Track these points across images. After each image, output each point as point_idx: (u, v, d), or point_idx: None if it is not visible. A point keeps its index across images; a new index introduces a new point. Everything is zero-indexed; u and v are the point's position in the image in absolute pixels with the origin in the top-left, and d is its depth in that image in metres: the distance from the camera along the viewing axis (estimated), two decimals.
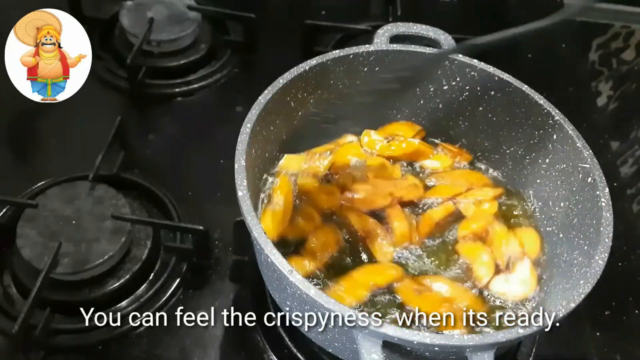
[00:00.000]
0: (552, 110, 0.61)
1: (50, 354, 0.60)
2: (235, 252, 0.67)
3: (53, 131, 0.79)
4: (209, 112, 0.85)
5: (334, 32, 0.93)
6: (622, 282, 0.71)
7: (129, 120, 0.76)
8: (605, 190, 0.55)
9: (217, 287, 0.66)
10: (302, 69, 0.61)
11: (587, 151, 0.58)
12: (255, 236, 0.48)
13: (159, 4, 0.89)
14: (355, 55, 0.63)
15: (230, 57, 0.90)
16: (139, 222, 0.66)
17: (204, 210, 0.71)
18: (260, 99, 0.58)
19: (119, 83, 0.84)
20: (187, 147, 0.80)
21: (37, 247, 0.61)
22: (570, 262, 0.56)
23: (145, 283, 0.65)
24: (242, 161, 0.53)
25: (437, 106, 0.69)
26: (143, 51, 0.84)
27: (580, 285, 0.49)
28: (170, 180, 0.74)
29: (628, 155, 1.03)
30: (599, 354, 0.65)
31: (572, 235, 0.58)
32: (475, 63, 0.64)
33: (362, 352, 0.44)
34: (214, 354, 0.61)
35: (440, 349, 0.44)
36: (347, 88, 0.65)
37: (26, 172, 0.76)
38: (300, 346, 0.61)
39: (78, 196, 0.65)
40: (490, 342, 0.44)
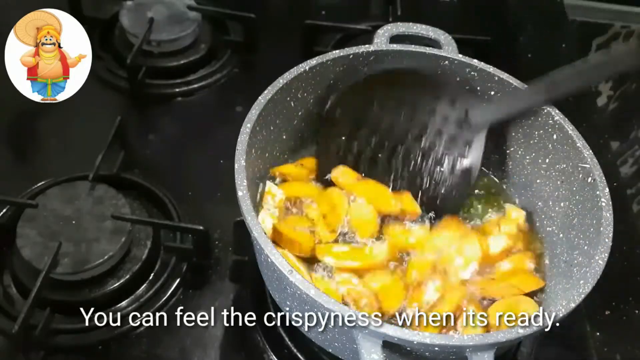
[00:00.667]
0: (552, 110, 0.61)
1: (50, 354, 0.60)
2: (235, 252, 0.67)
3: (53, 131, 0.79)
4: (209, 112, 0.85)
5: (334, 32, 0.93)
6: (622, 282, 0.71)
7: (129, 120, 0.76)
8: (605, 190, 0.55)
9: (217, 287, 0.66)
10: (302, 69, 0.61)
11: (587, 151, 0.58)
12: (255, 236, 0.48)
13: (159, 4, 0.89)
14: (355, 55, 0.64)
15: (230, 57, 0.90)
16: (139, 222, 0.66)
17: (204, 210, 0.71)
18: (260, 99, 0.58)
19: (119, 83, 0.84)
20: (187, 147, 0.80)
21: (37, 247, 0.61)
22: (570, 262, 0.56)
23: (145, 283, 0.65)
24: (242, 161, 0.53)
25: None
26: (143, 51, 0.84)
27: (580, 285, 0.49)
28: (170, 180, 0.74)
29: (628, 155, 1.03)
30: (599, 354, 0.65)
31: (572, 235, 0.58)
32: (475, 63, 0.64)
33: (362, 352, 0.44)
34: (214, 354, 0.61)
35: (440, 349, 0.44)
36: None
37: (26, 172, 0.76)
38: (300, 346, 0.61)
39: (78, 196, 0.65)
40: (490, 342, 0.44)
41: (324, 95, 0.64)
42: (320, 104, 0.64)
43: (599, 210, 0.54)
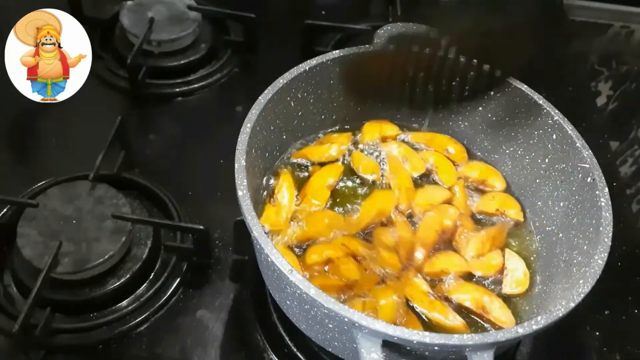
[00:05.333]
0: (552, 110, 0.61)
1: (51, 354, 0.60)
2: (236, 251, 0.67)
3: (53, 131, 0.79)
4: (209, 112, 0.85)
5: (334, 32, 0.93)
6: (622, 282, 0.71)
7: (129, 120, 0.76)
8: (605, 190, 0.55)
9: (217, 286, 0.66)
10: (302, 69, 0.61)
11: (587, 151, 0.58)
12: (255, 236, 0.48)
13: (159, 4, 0.89)
14: (355, 55, 0.64)
15: (230, 57, 0.90)
16: (140, 221, 0.66)
17: (204, 210, 0.71)
18: (260, 99, 0.58)
19: (119, 83, 0.84)
20: (187, 146, 0.80)
21: (38, 246, 0.61)
22: (570, 262, 0.56)
23: (145, 282, 0.65)
24: (242, 161, 0.53)
25: (437, 106, 0.69)
26: (143, 51, 0.84)
27: (579, 285, 0.49)
28: (170, 180, 0.74)
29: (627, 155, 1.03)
30: (599, 354, 0.65)
31: (571, 235, 0.58)
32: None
33: (361, 351, 0.44)
34: (214, 353, 0.61)
35: (439, 349, 0.44)
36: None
37: (26, 172, 0.76)
38: (300, 346, 0.61)
39: (78, 196, 0.65)
40: (489, 342, 0.44)
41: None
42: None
43: (599, 210, 0.54)
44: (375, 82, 0.62)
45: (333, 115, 0.68)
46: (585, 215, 0.56)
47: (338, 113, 0.68)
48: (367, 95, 0.66)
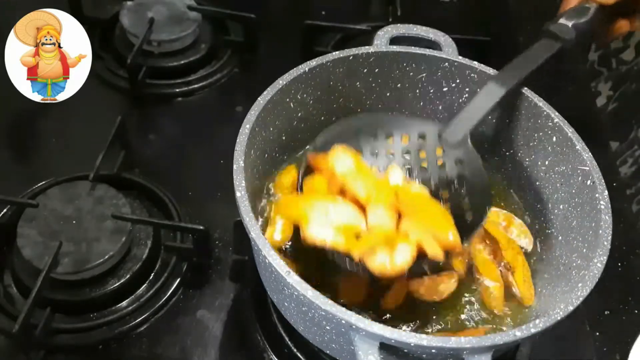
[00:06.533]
0: (552, 113, 0.61)
1: (51, 354, 0.60)
2: (236, 251, 0.67)
3: (53, 131, 0.79)
4: (209, 112, 0.85)
5: (334, 33, 0.93)
6: (622, 282, 0.71)
7: (129, 120, 0.76)
8: (605, 192, 0.55)
9: (217, 286, 0.66)
10: (301, 70, 0.61)
11: (587, 153, 0.58)
12: (253, 237, 0.48)
13: (159, 4, 0.89)
14: (355, 56, 0.64)
15: (230, 57, 0.90)
16: (140, 221, 0.66)
17: (204, 210, 0.72)
18: (260, 99, 0.58)
19: (119, 83, 0.84)
20: (187, 147, 0.80)
21: (38, 246, 0.61)
22: (569, 265, 0.56)
23: (145, 283, 0.65)
24: (240, 162, 0.53)
25: (437, 108, 0.69)
26: (143, 51, 0.84)
27: (578, 288, 0.49)
28: (170, 180, 0.74)
29: (627, 155, 1.03)
30: (599, 354, 0.65)
31: (570, 238, 0.58)
32: (475, 65, 0.64)
33: (359, 353, 0.44)
34: (214, 353, 0.62)
35: (437, 351, 0.44)
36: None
37: (26, 172, 0.76)
38: (300, 346, 0.61)
39: (78, 196, 0.65)
40: (487, 345, 0.44)
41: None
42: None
43: (598, 213, 0.54)
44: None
45: (333, 117, 0.68)
46: (584, 218, 0.56)
47: (338, 114, 0.68)
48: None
